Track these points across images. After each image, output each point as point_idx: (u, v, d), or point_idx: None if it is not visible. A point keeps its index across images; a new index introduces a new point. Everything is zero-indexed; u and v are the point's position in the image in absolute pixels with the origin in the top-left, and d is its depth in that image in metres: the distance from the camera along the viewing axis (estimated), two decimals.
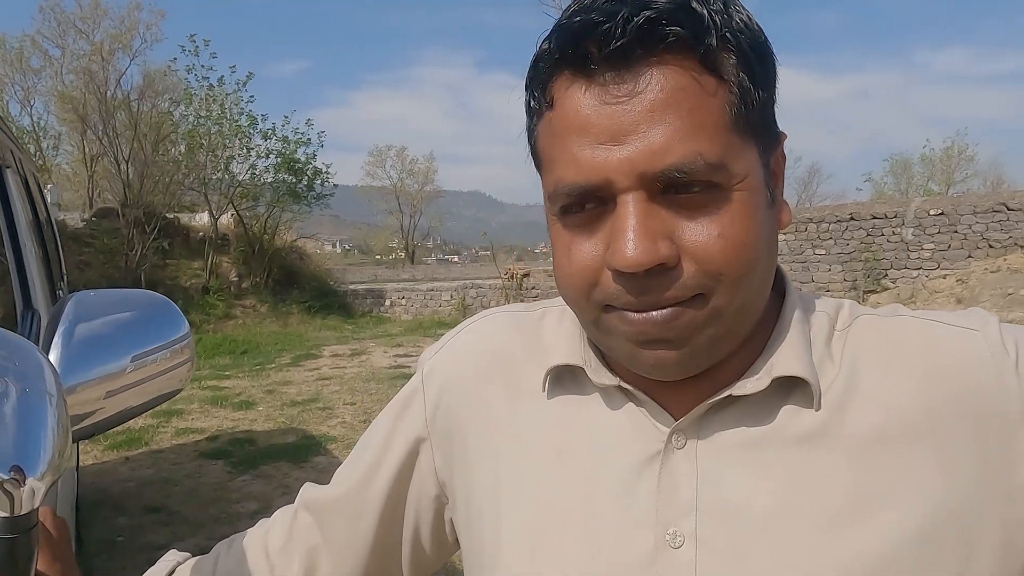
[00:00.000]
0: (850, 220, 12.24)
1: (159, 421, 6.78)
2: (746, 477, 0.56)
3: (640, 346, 0.55)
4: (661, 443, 0.59)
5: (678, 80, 0.50)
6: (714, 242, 0.52)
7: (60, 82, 18.26)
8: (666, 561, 0.56)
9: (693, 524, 0.56)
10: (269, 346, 12.01)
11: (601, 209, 0.53)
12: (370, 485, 0.73)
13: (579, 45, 0.51)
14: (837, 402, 0.57)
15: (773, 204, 0.57)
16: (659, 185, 0.51)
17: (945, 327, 0.59)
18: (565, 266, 0.56)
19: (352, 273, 26.58)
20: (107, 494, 4.86)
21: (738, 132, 0.52)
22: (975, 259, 10.99)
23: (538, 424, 0.65)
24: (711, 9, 0.51)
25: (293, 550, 0.77)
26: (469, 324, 0.75)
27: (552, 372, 0.65)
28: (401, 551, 0.76)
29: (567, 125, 0.53)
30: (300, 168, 16.90)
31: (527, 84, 0.57)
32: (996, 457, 0.54)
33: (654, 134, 0.50)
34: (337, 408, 7.28)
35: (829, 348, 0.59)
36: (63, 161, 21.80)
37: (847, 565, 0.53)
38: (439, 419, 0.71)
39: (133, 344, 0.95)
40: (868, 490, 0.54)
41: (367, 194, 49.90)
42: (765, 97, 0.54)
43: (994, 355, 0.56)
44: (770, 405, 0.58)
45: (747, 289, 0.54)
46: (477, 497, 0.67)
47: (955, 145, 35.49)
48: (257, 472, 5.31)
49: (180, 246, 15.90)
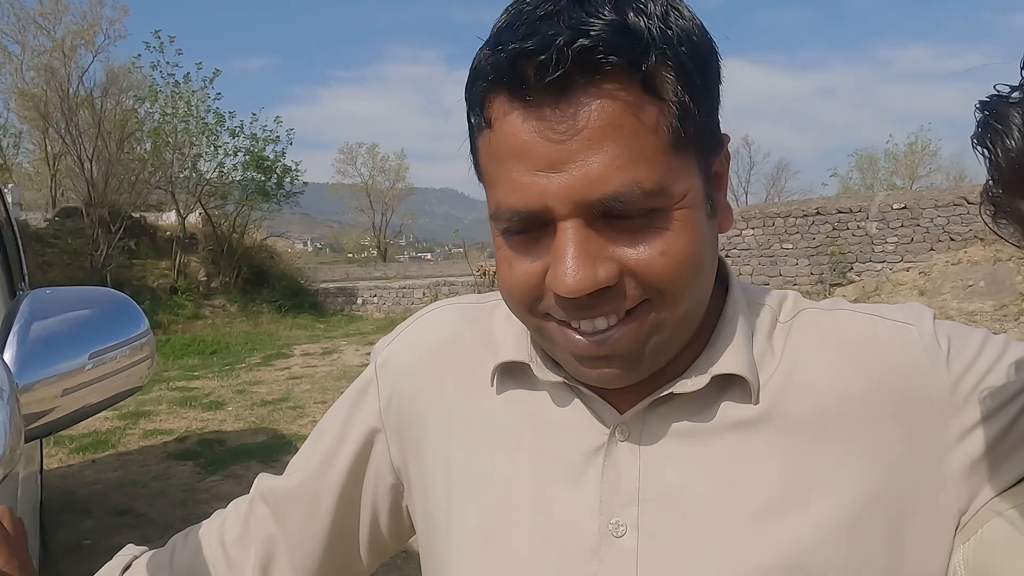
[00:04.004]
0: (816, 215, 12.42)
1: (126, 423, 6.68)
2: (686, 469, 0.58)
3: (583, 363, 0.57)
4: (605, 436, 0.61)
5: (616, 108, 0.50)
6: (656, 260, 0.52)
7: (20, 79, 17.80)
8: (609, 549, 0.58)
9: (635, 514, 0.58)
10: (239, 346, 11.88)
11: (542, 231, 0.54)
12: (326, 474, 0.74)
13: (516, 70, 0.50)
14: (776, 394, 0.59)
15: (715, 214, 0.58)
16: (597, 212, 0.51)
17: (883, 321, 0.61)
18: (507, 280, 0.57)
19: (323, 272, 26.40)
20: (73, 497, 4.78)
21: (677, 151, 0.52)
22: (937, 252, 11.22)
23: (489, 417, 0.67)
24: (649, 24, 0.50)
25: (249, 541, 0.77)
26: (421, 316, 0.76)
27: (500, 368, 0.66)
28: (359, 538, 0.77)
29: (506, 150, 0.53)
30: (269, 166, 16.75)
31: (466, 99, 0.56)
32: (927, 446, 0.57)
33: (592, 162, 0.50)
34: (308, 407, 7.22)
35: (771, 342, 0.61)
36: (24, 160, 21.34)
37: (783, 551, 0.55)
38: (393, 410, 0.72)
39: (91, 341, 0.95)
40: (803, 477, 0.57)
41: (338, 192, 49.50)
42: (705, 107, 0.54)
43: (927, 348, 0.59)
44: (710, 400, 0.59)
45: (690, 300, 0.55)
46: (431, 486, 0.69)
47: (919, 141, 36.27)
48: (227, 473, 5.25)
49: (147, 246, 15.66)
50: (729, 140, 0.60)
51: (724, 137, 0.59)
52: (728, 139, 0.59)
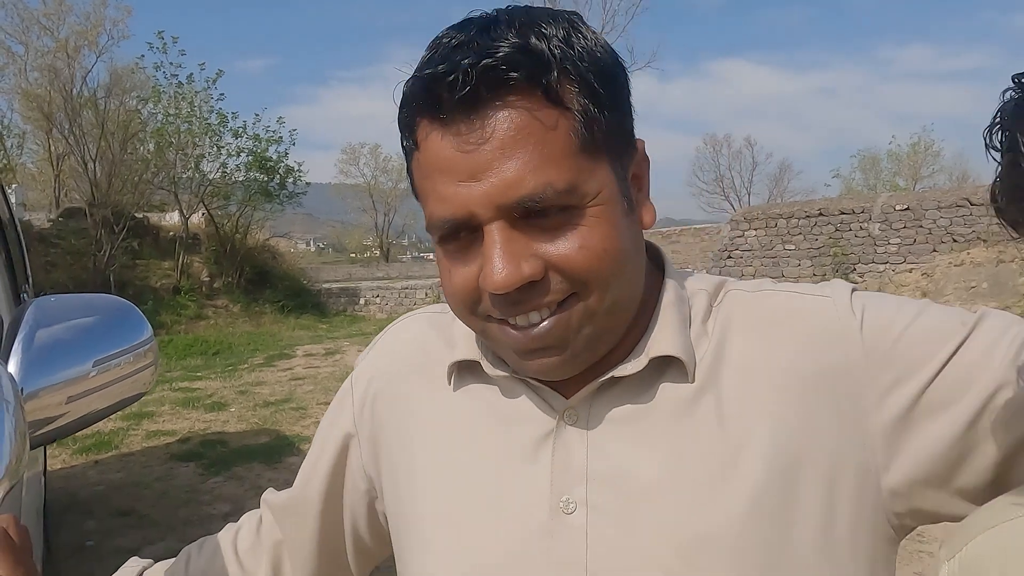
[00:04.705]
0: (819, 216, 12.42)
1: (129, 424, 6.70)
2: (631, 448, 0.63)
3: (523, 356, 0.61)
4: (555, 422, 0.65)
5: (523, 118, 0.55)
6: (576, 253, 0.57)
7: (24, 79, 17.82)
8: (561, 526, 0.63)
9: (584, 492, 0.63)
10: (242, 346, 11.90)
11: (473, 237, 0.59)
12: (310, 483, 0.80)
13: (431, 94, 0.56)
14: (708, 372, 0.63)
15: (633, 210, 0.63)
16: (518, 213, 0.56)
17: (801, 296, 0.66)
18: (448, 287, 0.63)
19: (326, 272, 26.43)
20: (76, 499, 4.80)
21: (587, 154, 0.57)
22: (940, 253, 11.21)
23: (449, 413, 0.71)
24: (550, 44, 0.56)
25: (261, 550, 0.83)
26: (391, 327, 0.81)
27: (456, 366, 0.71)
28: (344, 544, 0.82)
29: (432, 167, 0.58)
30: (272, 166, 16.76)
31: (398, 126, 0.62)
32: (848, 409, 0.60)
33: (506, 169, 0.55)
34: (311, 408, 7.24)
35: (705, 325, 0.65)
36: (28, 160, 21.34)
37: (720, 518, 0.59)
38: (365, 414, 0.77)
39: (95, 348, 0.96)
40: (737, 448, 0.60)
41: (340, 192, 49.53)
42: (612, 116, 0.59)
43: (842, 318, 0.62)
44: (650, 382, 0.64)
45: (616, 289, 0.60)
46: (399, 486, 0.73)
47: (921, 141, 36.21)
48: (229, 474, 5.27)
49: (150, 246, 15.70)
50: (644, 144, 0.65)
51: (639, 142, 0.64)
52: (643, 143, 0.64)
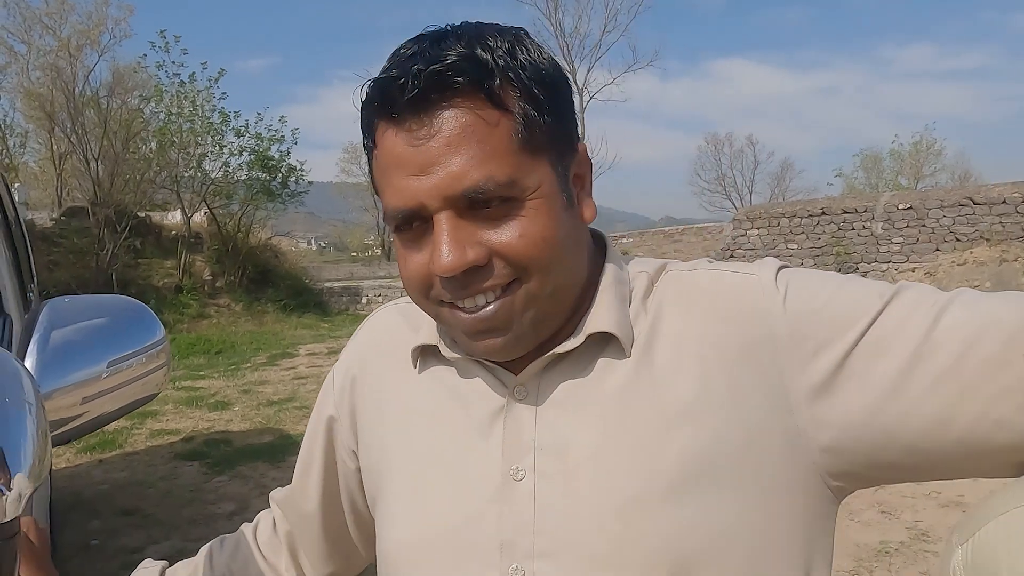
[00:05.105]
0: (822, 215, 12.41)
1: (133, 423, 6.70)
2: (574, 418, 0.68)
3: (472, 338, 0.67)
4: (506, 398, 0.71)
5: (467, 118, 0.61)
6: (517, 241, 0.63)
7: (26, 78, 17.81)
8: (511, 492, 0.68)
9: (532, 461, 0.68)
10: (244, 345, 11.91)
11: (425, 226, 0.65)
12: (305, 472, 0.88)
13: (386, 96, 0.63)
14: (644, 346, 0.68)
15: (573, 204, 0.68)
16: (463, 203, 0.62)
17: (731, 274, 0.70)
18: (404, 273, 0.68)
19: (328, 271, 26.43)
20: (81, 497, 4.80)
21: (527, 152, 0.63)
22: (942, 252, 11.19)
23: (414, 394, 0.77)
24: (495, 55, 0.62)
25: (279, 541, 0.92)
26: (368, 318, 0.88)
27: (419, 350, 0.77)
28: (347, 525, 0.89)
29: (387, 162, 0.65)
30: (274, 165, 16.72)
31: (360, 128, 0.68)
32: (773, 377, 0.64)
33: (453, 164, 0.61)
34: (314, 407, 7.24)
35: (645, 303, 0.70)
36: (30, 159, 21.31)
37: (652, 481, 0.64)
38: (344, 399, 0.83)
39: (109, 349, 0.95)
40: (669, 417, 0.65)
41: (342, 191, 49.54)
42: (553, 120, 0.65)
43: (766, 292, 0.67)
44: (591, 357, 0.69)
45: (556, 275, 0.65)
46: (374, 462, 0.79)
47: (923, 140, 36.13)
48: (233, 473, 5.28)
49: (152, 245, 15.69)
50: (586, 148, 0.70)
51: (580, 145, 0.69)
52: (585, 146, 0.70)
